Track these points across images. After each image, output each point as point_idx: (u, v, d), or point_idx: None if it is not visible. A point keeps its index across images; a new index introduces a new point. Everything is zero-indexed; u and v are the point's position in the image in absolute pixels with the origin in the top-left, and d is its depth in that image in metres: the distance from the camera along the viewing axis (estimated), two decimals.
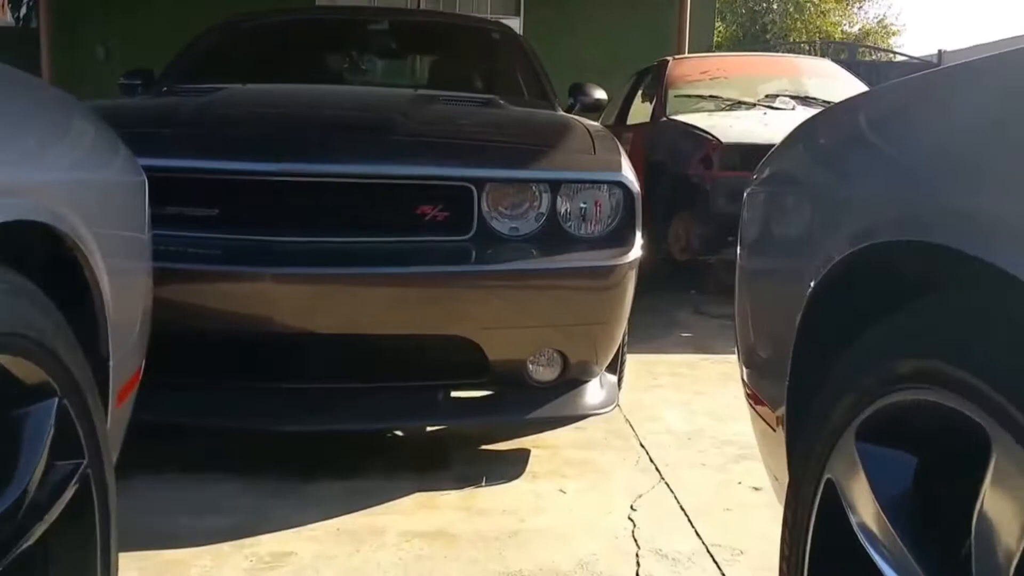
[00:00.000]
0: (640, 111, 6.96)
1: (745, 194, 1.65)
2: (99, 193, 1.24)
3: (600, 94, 4.08)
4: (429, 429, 2.81)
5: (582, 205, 2.45)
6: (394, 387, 2.50)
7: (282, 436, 2.42)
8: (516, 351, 2.44)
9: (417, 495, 2.37)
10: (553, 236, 2.44)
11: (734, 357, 4.01)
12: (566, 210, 2.44)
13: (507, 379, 2.50)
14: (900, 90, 1.20)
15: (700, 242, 5.18)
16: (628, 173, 2.46)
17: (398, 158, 2.39)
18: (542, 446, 2.79)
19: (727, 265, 5.42)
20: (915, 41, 70.29)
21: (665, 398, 3.41)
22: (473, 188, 2.38)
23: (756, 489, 2.51)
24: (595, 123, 2.92)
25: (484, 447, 2.78)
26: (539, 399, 2.52)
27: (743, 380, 1.59)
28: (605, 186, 2.44)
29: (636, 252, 2.43)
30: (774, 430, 1.31)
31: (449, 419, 2.51)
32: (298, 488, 2.37)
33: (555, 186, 2.42)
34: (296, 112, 2.75)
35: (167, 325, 2.21)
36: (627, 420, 3.07)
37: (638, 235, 2.46)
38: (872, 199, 1.05)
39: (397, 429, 2.68)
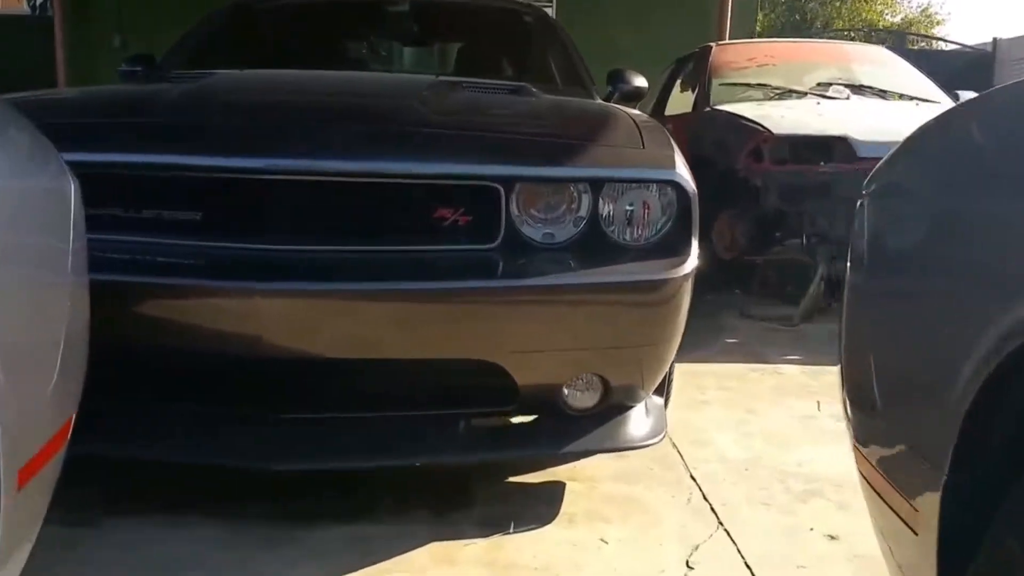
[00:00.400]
0: (679, 101, 6.56)
1: (863, 203, 1.27)
2: None
3: (641, 82, 3.71)
4: None
5: (628, 207, 2.08)
6: (407, 416, 2.15)
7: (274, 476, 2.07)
8: (550, 376, 2.09)
9: (433, 545, 2.02)
10: (594, 244, 2.07)
11: (786, 367, 3.67)
12: (609, 213, 2.08)
13: (539, 406, 2.16)
14: None
15: (748, 241, 4.78)
16: (683, 171, 2.08)
17: (412, 153, 2.03)
18: (578, 478, 2.43)
19: (774, 265, 5.07)
20: (958, 31, 68.77)
21: (715, 417, 3.04)
22: (500, 188, 2.02)
23: (832, 538, 2.14)
24: (642, 113, 2.54)
25: (512, 479, 2.42)
26: (576, 429, 2.16)
27: (852, 440, 1.22)
28: (656, 186, 2.06)
29: (692, 262, 2.06)
30: (914, 532, 0.94)
31: (472, 453, 2.14)
32: (294, 536, 2.02)
33: (597, 186, 2.06)
34: (292, 99, 2.38)
35: (133, 346, 1.95)
36: (674, 444, 2.70)
37: (694, 243, 2.09)
38: None
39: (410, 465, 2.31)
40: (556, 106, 2.64)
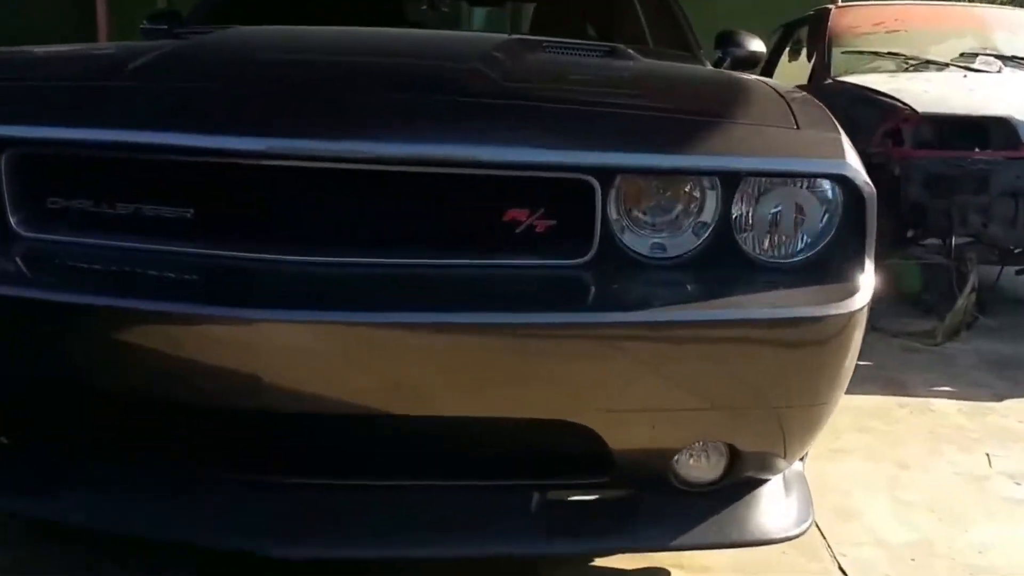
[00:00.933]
0: (789, 72, 6.00)
1: None
2: None
3: (757, 45, 3.23)
4: None
5: (774, 211, 1.57)
6: (459, 487, 1.68)
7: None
8: (657, 441, 1.60)
9: None
10: (723, 261, 1.57)
11: (937, 402, 3.06)
12: (746, 219, 1.58)
13: (640, 479, 1.67)
14: None
15: (880, 239, 4.19)
16: (855, 162, 1.57)
17: (474, 132, 1.55)
18: (687, 566, 1.95)
19: (909, 270, 4.47)
20: None
21: (859, 474, 2.50)
22: (595, 182, 1.53)
23: None
24: (787, 85, 2.01)
25: (597, 563, 1.94)
26: (690, 512, 1.68)
27: None
28: (817, 182, 1.56)
29: (867, 292, 1.54)
30: None
31: (547, 542, 1.65)
32: None
33: (730, 180, 1.55)
34: (313, 60, 1.89)
35: (92, 387, 1.59)
36: None
37: (869, 264, 1.57)
38: None
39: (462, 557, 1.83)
40: (668, 73, 2.14)
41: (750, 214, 1.58)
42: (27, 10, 7.68)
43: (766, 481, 1.73)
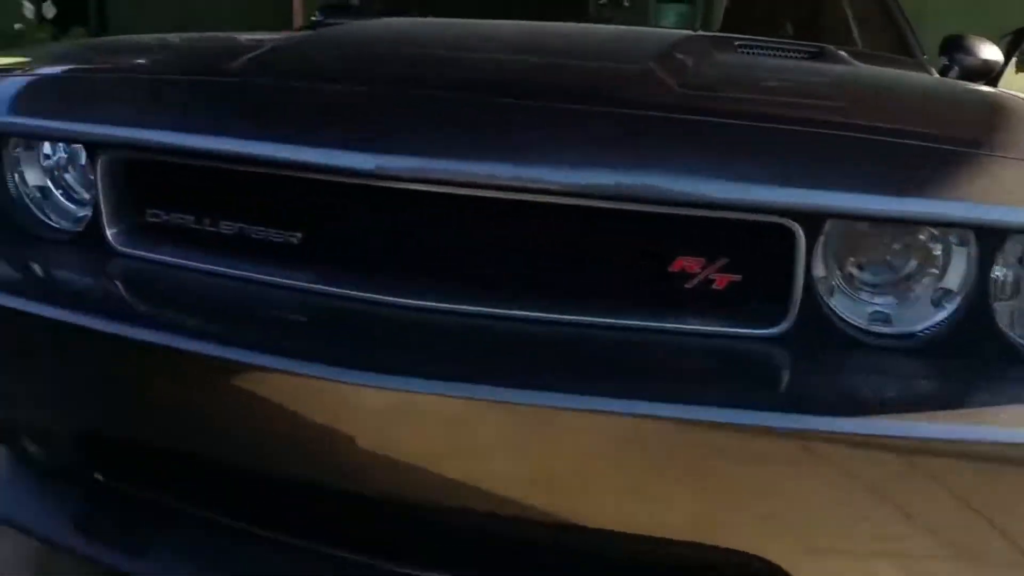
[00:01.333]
0: (1018, 85, 5.36)
1: None
2: None
3: (991, 53, 2.86)
4: None
5: None
6: None
7: None
8: None
9: None
10: (972, 345, 1.18)
11: None
12: (1011, 287, 1.17)
13: None
14: None
15: None
16: None
17: (638, 157, 1.20)
18: None
19: None
20: None
21: None
22: (797, 228, 1.17)
23: None
24: None
25: None
26: None
27: None
28: None
29: None
30: None
31: None
32: None
33: (989, 236, 1.16)
34: (446, 60, 1.59)
35: (185, 445, 1.39)
36: None
37: None
38: None
39: None
40: (896, 84, 1.73)
41: (1014, 284, 1.18)
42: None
43: None
